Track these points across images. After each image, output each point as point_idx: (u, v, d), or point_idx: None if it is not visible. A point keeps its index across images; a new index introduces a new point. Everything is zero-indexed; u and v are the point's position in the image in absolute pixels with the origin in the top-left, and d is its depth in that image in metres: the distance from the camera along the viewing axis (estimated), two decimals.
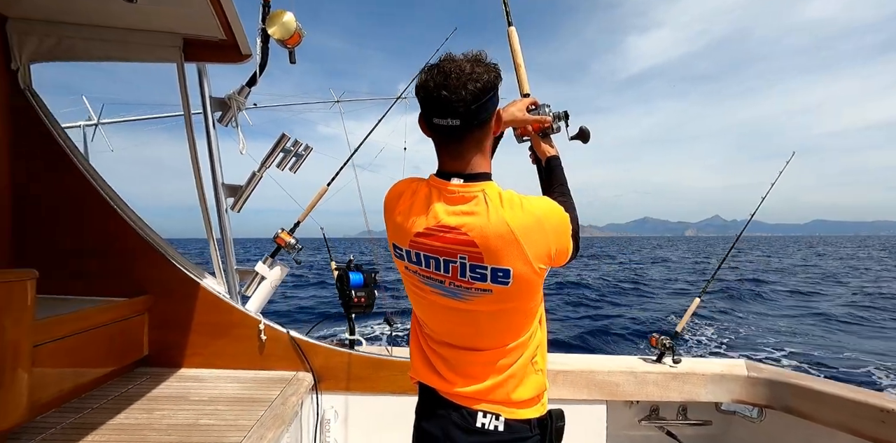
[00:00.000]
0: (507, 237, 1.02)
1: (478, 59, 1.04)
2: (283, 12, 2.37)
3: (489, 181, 1.10)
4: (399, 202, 1.15)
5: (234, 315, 2.36)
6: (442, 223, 1.06)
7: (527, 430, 1.15)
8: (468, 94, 0.98)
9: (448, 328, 1.21)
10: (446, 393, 1.18)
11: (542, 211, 1.07)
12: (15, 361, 1.55)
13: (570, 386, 2.38)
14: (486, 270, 1.04)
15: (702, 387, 2.43)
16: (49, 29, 2.20)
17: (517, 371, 1.15)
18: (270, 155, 2.49)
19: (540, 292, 1.17)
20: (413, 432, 1.27)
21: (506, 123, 1.36)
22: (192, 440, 1.63)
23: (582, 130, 1.45)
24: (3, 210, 2.22)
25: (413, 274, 1.17)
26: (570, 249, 1.14)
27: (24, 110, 2.25)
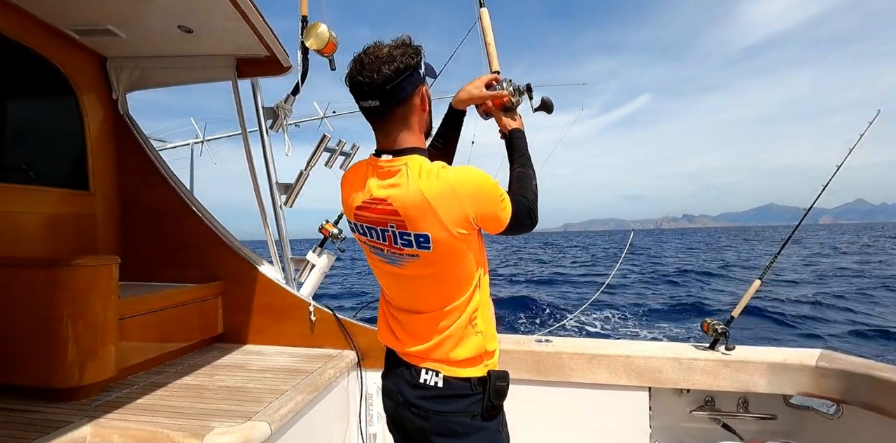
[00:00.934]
0: (423, 205, 1.11)
1: (399, 44, 1.14)
2: (317, 24, 2.62)
3: (414, 155, 1.18)
4: (345, 182, 1.32)
5: (289, 299, 2.65)
6: (373, 196, 1.18)
7: (467, 387, 1.23)
8: (381, 76, 1.08)
9: (396, 293, 1.32)
10: (401, 353, 1.31)
11: (456, 179, 1.13)
12: (104, 329, 1.95)
13: (606, 370, 2.31)
14: (411, 237, 1.15)
15: (761, 377, 2.20)
16: (136, 63, 2.70)
17: (454, 332, 1.22)
18: (314, 155, 2.75)
19: (468, 258, 1.21)
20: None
21: (463, 101, 1.46)
22: (235, 397, 1.91)
23: (544, 101, 1.49)
24: (114, 213, 2.76)
25: (364, 245, 1.30)
26: (500, 215, 1.20)
27: (124, 132, 2.77)
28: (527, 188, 1.34)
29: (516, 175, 1.38)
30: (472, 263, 1.23)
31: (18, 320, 1.86)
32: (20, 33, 2.33)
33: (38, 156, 2.55)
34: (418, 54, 1.15)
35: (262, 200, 2.71)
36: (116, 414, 1.75)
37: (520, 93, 1.46)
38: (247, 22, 2.29)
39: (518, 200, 1.27)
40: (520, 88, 1.46)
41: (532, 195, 1.32)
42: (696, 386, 2.26)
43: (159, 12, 2.27)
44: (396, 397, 1.29)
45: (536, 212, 1.31)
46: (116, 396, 1.92)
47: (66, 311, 1.85)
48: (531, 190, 1.34)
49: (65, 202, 2.58)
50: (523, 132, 1.48)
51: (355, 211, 1.25)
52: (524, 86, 1.47)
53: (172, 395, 1.95)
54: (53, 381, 1.84)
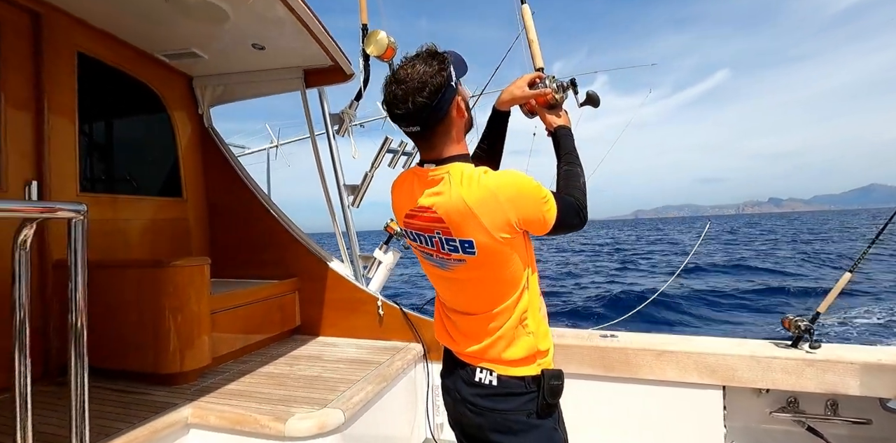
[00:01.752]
0: (465, 212, 1.13)
1: (427, 58, 1.14)
2: (377, 32, 2.74)
3: (456, 163, 1.20)
4: (394, 190, 1.36)
5: (358, 294, 2.81)
6: (419, 205, 1.22)
7: (521, 386, 1.24)
8: (416, 105, 1.11)
9: (448, 295, 1.37)
10: (458, 353, 1.35)
11: (496, 184, 1.14)
12: (199, 322, 2.18)
13: (675, 367, 2.24)
14: (456, 243, 1.18)
15: (853, 378, 2.04)
16: (218, 80, 2.96)
17: (505, 333, 1.24)
18: (377, 156, 2.88)
19: (513, 261, 1.22)
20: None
21: (506, 102, 1.46)
22: (312, 386, 2.07)
23: (589, 95, 1.47)
24: (203, 217, 3.06)
25: (416, 250, 1.36)
26: (544, 217, 1.19)
27: (210, 143, 3.06)
28: (574, 186, 1.32)
29: (563, 173, 1.36)
30: (519, 265, 1.24)
31: (130, 315, 2.13)
32: (121, 62, 2.64)
33: (140, 168, 2.88)
34: (445, 67, 1.14)
35: (331, 200, 2.88)
36: (212, 398, 1.96)
37: (563, 89, 1.44)
38: (312, 36, 2.44)
39: (565, 199, 1.25)
40: (563, 84, 1.43)
41: (580, 193, 1.31)
42: (776, 386, 2.14)
43: (234, 33, 2.48)
44: (454, 394, 1.33)
45: (585, 210, 1.29)
46: (211, 381, 2.15)
47: (168, 305, 2.10)
48: (579, 188, 1.32)
49: (163, 209, 2.90)
50: (569, 129, 1.46)
51: (404, 218, 1.30)
52: (568, 81, 1.44)
53: (258, 382, 2.16)
54: (159, 367, 2.09)
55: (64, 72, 2.34)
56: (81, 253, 1.05)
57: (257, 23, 2.39)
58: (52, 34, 2.28)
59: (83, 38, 2.43)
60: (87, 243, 1.07)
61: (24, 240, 1.04)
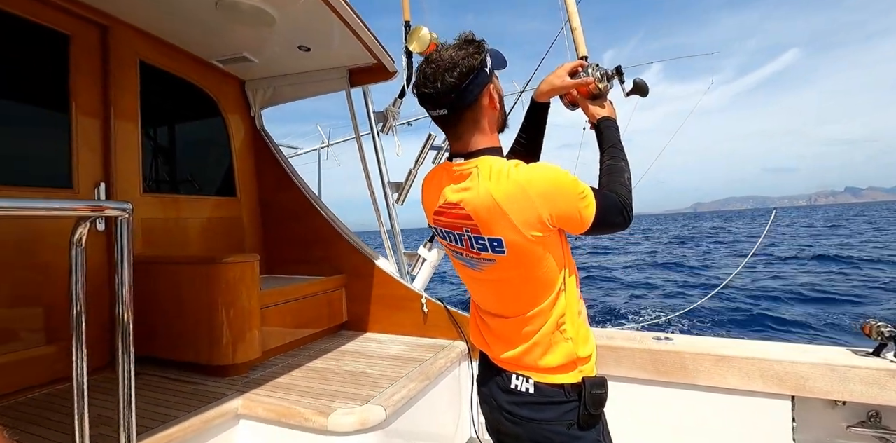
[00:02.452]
0: (493, 208, 1.07)
1: (462, 43, 1.11)
2: (419, 28, 2.72)
3: (485, 156, 1.14)
4: (425, 187, 1.31)
5: (403, 291, 2.82)
6: (448, 201, 1.17)
7: (560, 394, 1.16)
8: (445, 85, 1.06)
9: (480, 297, 1.31)
10: (493, 358, 1.28)
11: (527, 178, 1.07)
12: (250, 316, 2.26)
13: (738, 374, 2.08)
14: (485, 241, 1.12)
15: None
16: (268, 83, 3.07)
17: (541, 339, 1.17)
18: (421, 154, 2.88)
19: (546, 261, 1.14)
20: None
21: (545, 92, 1.38)
22: (356, 381, 2.10)
23: (637, 84, 1.35)
24: (255, 215, 3.18)
25: (447, 249, 1.30)
26: (582, 214, 1.10)
27: (262, 144, 3.17)
28: (618, 182, 1.21)
29: (606, 168, 1.26)
30: (553, 265, 1.15)
31: (186, 308, 2.25)
32: (179, 68, 2.79)
33: (197, 169, 3.03)
34: (480, 52, 1.10)
35: (376, 198, 2.91)
36: (261, 390, 2.03)
37: (608, 78, 1.34)
38: (355, 35, 2.47)
39: (606, 195, 1.16)
40: (608, 73, 1.34)
41: (624, 190, 1.20)
42: (855, 398, 1.94)
43: (281, 36, 2.55)
44: (491, 401, 1.26)
45: (630, 208, 1.18)
46: (261, 374, 2.23)
47: (221, 300, 2.19)
48: (623, 184, 1.21)
49: (218, 207, 3.04)
50: (614, 120, 1.35)
51: (433, 216, 1.25)
52: (613, 70, 1.34)
53: (304, 376, 2.21)
54: (213, 359, 2.19)
55: (128, 80, 2.49)
56: (127, 249, 1.10)
57: (302, 25, 2.45)
58: (118, 45, 2.43)
59: (145, 48, 2.58)
60: (132, 240, 1.11)
61: (80, 237, 1.10)
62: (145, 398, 1.91)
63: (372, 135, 2.91)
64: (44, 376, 2.06)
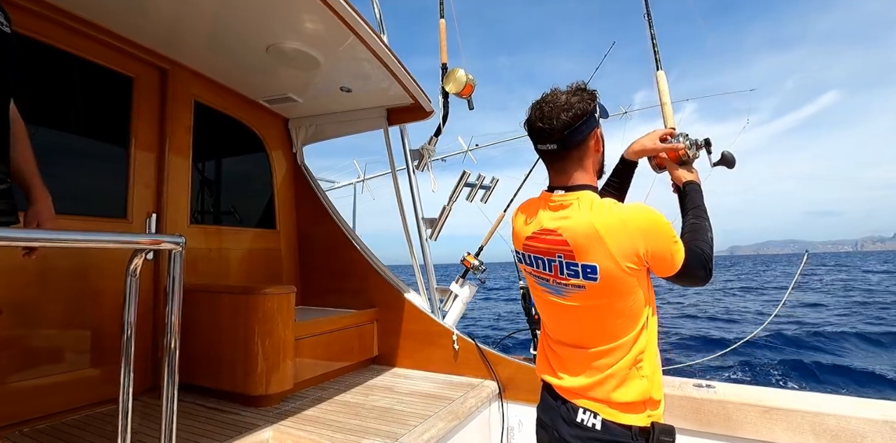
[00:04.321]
0: (593, 236, 1.14)
1: (576, 90, 1.24)
2: (456, 70, 2.85)
3: (586, 191, 1.24)
4: (518, 214, 1.40)
5: (434, 326, 2.81)
6: (544, 227, 1.25)
7: (627, 435, 1.17)
8: (559, 123, 1.18)
9: (558, 326, 1.34)
10: (557, 387, 1.30)
11: (628, 213, 1.15)
12: (284, 347, 2.29)
13: (786, 428, 1.95)
14: (578, 267, 1.17)
15: None
16: (311, 121, 3.22)
17: (617, 372, 1.19)
18: (455, 190, 2.93)
19: (636, 294, 1.18)
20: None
21: (636, 152, 1.50)
22: (384, 418, 2.07)
23: (724, 156, 1.46)
24: (293, 247, 3.27)
25: (530, 276, 1.36)
26: (673, 257, 1.17)
27: (302, 179, 3.30)
28: (702, 240, 1.27)
29: (690, 225, 1.34)
30: (641, 299, 1.20)
31: (224, 337, 2.30)
32: (228, 107, 2.97)
33: (241, 202, 3.17)
34: (594, 99, 1.22)
35: (410, 233, 2.95)
36: (291, 422, 2.03)
37: (697, 147, 1.45)
38: (394, 77, 2.59)
39: (692, 248, 1.22)
40: (697, 142, 1.45)
41: (707, 247, 1.26)
42: None
43: (324, 78, 2.70)
44: (552, 432, 1.27)
45: (711, 264, 1.24)
46: (292, 406, 2.23)
47: (257, 330, 2.23)
48: (706, 242, 1.27)
49: (259, 239, 3.15)
50: (699, 185, 1.44)
51: (525, 241, 1.31)
52: (702, 140, 1.45)
53: (334, 410, 2.20)
54: (248, 388, 2.21)
55: (182, 118, 2.67)
56: (178, 280, 1.16)
57: (345, 68, 2.59)
58: (176, 86, 2.62)
59: (199, 88, 2.77)
60: (183, 272, 1.17)
61: (135, 268, 1.17)
62: (179, 425, 1.94)
63: (407, 171, 2.98)
64: (84, 399, 2.13)
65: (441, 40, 2.92)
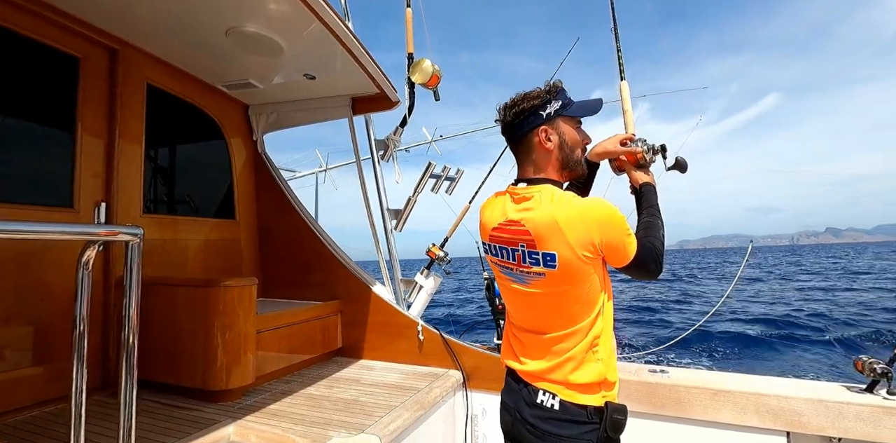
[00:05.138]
0: (553, 226, 1.22)
1: (533, 91, 1.34)
2: (422, 60, 2.82)
3: (547, 185, 1.32)
4: (485, 206, 1.49)
5: (400, 318, 2.81)
6: (508, 219, 1.33)
7: (583, 415, 1.25)
8: (503, 121, 1.36)
9: (521, 313, 1.41)
10: (520, 371, 1.37)
11: (586, 206, 1.24)
12: (246, 340, 2.24)
13: (733, 409, 2.08)
14: (539, 256, 1.25)
15: None
16: (272, 108, 3.12)
17: (575, 355, 1.27)
18: (420, 181, 2.92)
19: (592, 282, 1.26)
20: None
21: (598, 154, 1.59)
22: (350, 410, 2.07)
23: (678, 161, 1.56)
24: (253, 238, 3.18)
25: (495, 265, 1.43)
26: (626, 249, 1.25)
27: (262, 168, 3.20)
28: (654, 236, 1.36)
29: (644, 223, 1.43)
30: (597, 286, 1.28)
31: (182, 331, 2.22)
32: (185, 92, 2.84)
33: (197, 191, 3.05)
34: (539, 98, 1.32)
35: (375, 224, 2.93)
36: (254, 417, 1.99)
37: (654, 152, 1.53)
38: (359, 66, 2.54)
39: (644, 243, 1.30)
40: (654, 147, 1.53)
41: (659, 243, 1.35)
42: (849, 435, 1.94)
43: (288, 65, 2.62)
44: (514, 413, 1.35)
45: (662, 259, 1.33)
46: (254, 400, 2.19)
47: (217, 323, 2.17)
48: (658, 238, 1.36)
49: (217, 230, 3.04)
50: (654, 187, 1.54)
51: (491, 232, 1.39)
52: (659, 145, 1.54)
53: (298, 403, 2.17)
54: (207, 383, 2.15)
55: (134, 102, 2.53)
56: (136, 273, 1.11)
57: (309, 54, 2.52)
58: (126, 68, 2.48)
59: (152, 71, 2.63)
60: (141, 264, 1.12)
61: (87, 260, 1.11)
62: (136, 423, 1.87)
63: (372, 162, 2.95)
64: (29, 398, 2.01)
65: (407, 31, 2.88)
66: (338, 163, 12.36)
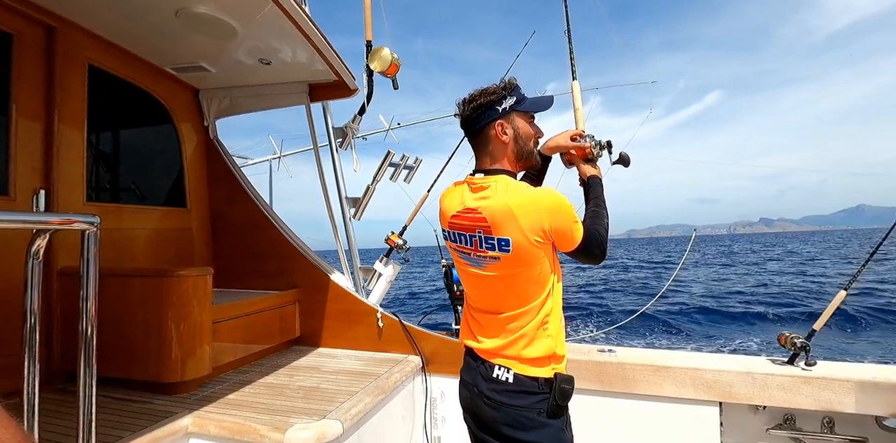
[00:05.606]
0: (507, 213, 1.31)
1: (485, 90, 1.43)
2: (381, 48, 2.80)
3: (502, 175, 1.41)
4: (445, 195, 1.57)
5: (359, 306, 2.83)
6: (466, 207, 1.41)
7: (534, 386, 1.36)
8: (462, 114, 1.45)
9: (477, 294, 1.50)
10: (477, 350, 1.47)
11: (538, 194, 1.33)
12: (201, 331, 2.20)
13: (672, 383, 2.25)
14: (494, 241, 1.34)
15: (848, 396, 2.05)
16: (224, 93, 3.02)
17: (527, 332, 1.38)
18: (379, 170, 2.93)
19: (542, 264, 1.37)
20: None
21: (550, 148, 1.70)
22: (311, 397, 2.08)
23: (622, 156, 1.68)
24: (206, 227, 3.09)
25: (454, 251, 1.51)
26: (573, 235, 1.36)
27: (214, 154, 3.10)
28: (599, 224, 1.47)
29: (591, 212, 1.54)
30: (547, 268, 1.38)
31: (133, 323, 2.15)
32: (130, 74, 2.70)
33: (145, 178, 2.92)
34: (495, 94, 1.41)
35: (333, 212, 2.91)
36: (212, 407, 1.97)
37: (601, 147, 1.65)
38: (317, 52, 2.50)
39: (590, 230, 1.41)
40: (601, 143, 1.65)
41: (604, 230, 1.46)
42: (772, 403, 2.15)
43: (242, 49, 2.54)
44: (472, 388, 1.44)
45: (606, 245, 1.44)
46: (211, 391, 2.16)
47: (170, 315, 2.11)
48: (603, 226, 1.47)
49: (167, 218, 2.94)
50: (601, 179, 1.65)
51: (450, 219, 1.47)
52: (605, 141, 1.66)
53: (258, 392, 2.17)
54: (161, 376, 2.10)
55: (74, 83, 2.39)
56: (93, 263, 1.09)
57: (264, 38, 2.46)
58: (65, 47, 2.33)
59: (94, 51, 2.49)
60: (98, 252, 1.10)
61: (38, 250, 1.08)
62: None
63: (330, 150, 2.93)
64: None
65: (366, 17, 2.85)
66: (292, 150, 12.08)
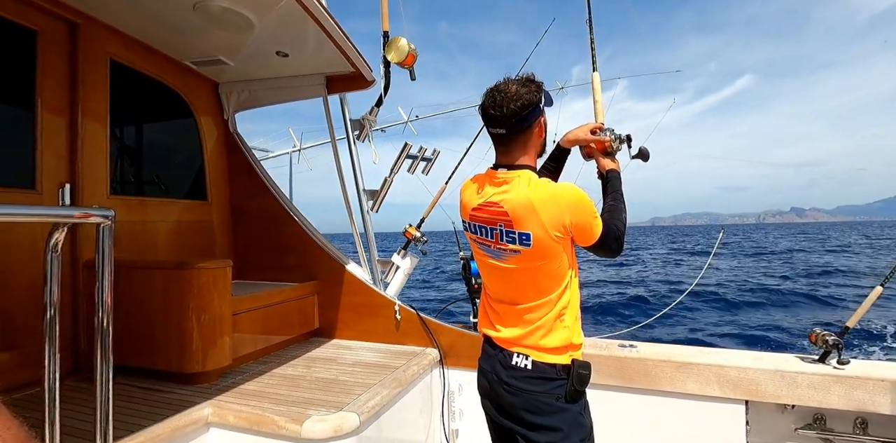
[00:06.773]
0: (529, 208, 1.33)
1: (525, 81, 1.40)
2: (398, 39, 2.77)
3: (525, 170, 1.43)
4: (466, 188, 1.58)
5: (376, 298, 2.83)
6: (489, 200, 1.43)
7: (552, 372, 1.39)
8: (509, 111, 1.36)
9: (496, 286, 1.53)
10: (495, 338, 1.50)
11: (559, 190, 1.36)
12: (221, 322, 2.23)
13: (696, 380, 2.19)
14: (515, 235, 1.37)
15: (883, 396, 1.96)
16: (243, 86, 3.04)
17: (545, 323, 1.41)
18: (397, 162, 2.91)
19: (561, 259, 1.39)
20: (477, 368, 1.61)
21: (570, 141, 1.71)
22: (328, 389, 2.10)
23: (641, 150, 1.68)
24: (227, 220, 3.13)
25: (474, 242, 1.53)
26: (592, 230, 1.39)
27: (234, 148, 3.13)
28: (617, 218, 1.49)
29: (608, 206, 1.56)
30: (566, 263, 1.41)
31: (155, 314, 2.19)
32: (151, 69, 2.73)
33: (167, 172, 2.97)
34: (540, 91, 1.40)
35: (351, 205, 2.91)
36: (231, 398, 2.00)
37: (620, 141, 1.65)
38: (334, 44, 2.49)
39: (609, 225, 1.43)
40: (621, 137, 1.65)
41: (622, 225, 1.48)
42: (802, 402, 2.07)
43: (259, 41, 2.54)
44: (491, 376, 1.47)
45: (623, 239, 1.47)
46: (231, 381, 2.20)
47: (191, 306, 2.15)
48: (621, 220, 1.49)
49: (188, 211, 2.98)
50: (619, 173, 1.66)
51: (471, 212, 1.49)
52: (625, 135, 1.66)
53: (276, 383, 2.19)
54: (183, 366, 2.14)
55: (97, 79, 2.43)
56: (108, 256, 1.10)
57: (281, 31, 2.45)
58: (88, 43, 2.37)
59: (116, 47, 2.52)
60: (113, 246, 1.11)
61: (56, 243, 1.09)
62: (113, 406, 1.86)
63: (348, 142, 2.91)
64: (2, 384, 1.98)
65: (383, 6, 2.82)
66: (311, 143, 12.17)
